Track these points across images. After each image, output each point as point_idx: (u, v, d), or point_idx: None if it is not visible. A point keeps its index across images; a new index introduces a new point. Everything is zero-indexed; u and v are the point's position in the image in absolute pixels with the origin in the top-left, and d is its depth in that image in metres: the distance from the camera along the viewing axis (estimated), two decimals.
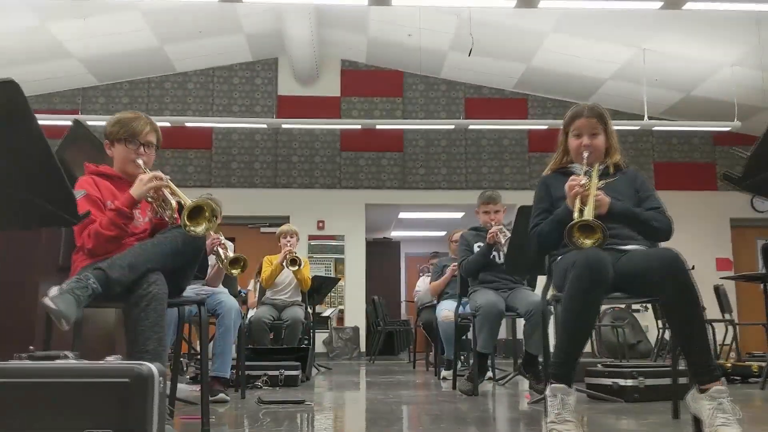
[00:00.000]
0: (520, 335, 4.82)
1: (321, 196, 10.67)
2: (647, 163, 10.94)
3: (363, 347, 10.33)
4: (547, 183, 2.69)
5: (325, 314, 10.41)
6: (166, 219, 2.43)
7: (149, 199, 2.44)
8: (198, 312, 2.52)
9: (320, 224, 10.61)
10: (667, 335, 7.42)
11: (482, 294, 3.89)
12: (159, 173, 2.43)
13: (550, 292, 2.66)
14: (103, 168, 2.58)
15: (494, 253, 4.08)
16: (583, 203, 2.35)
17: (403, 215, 12.25)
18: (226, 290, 3.91)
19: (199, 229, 2.25)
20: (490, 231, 4.01)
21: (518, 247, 3.53)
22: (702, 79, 9.58)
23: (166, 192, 2.41)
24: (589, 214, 2.28)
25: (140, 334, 2.10)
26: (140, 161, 2.53)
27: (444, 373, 5.18)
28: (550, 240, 2.52)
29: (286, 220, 10.30)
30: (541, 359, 3.83)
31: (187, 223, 2.23)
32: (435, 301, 6.71)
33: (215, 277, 3.89)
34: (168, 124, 9.30)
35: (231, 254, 3.65)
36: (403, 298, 14.12)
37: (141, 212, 2.55)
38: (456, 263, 5.34)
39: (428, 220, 12.84)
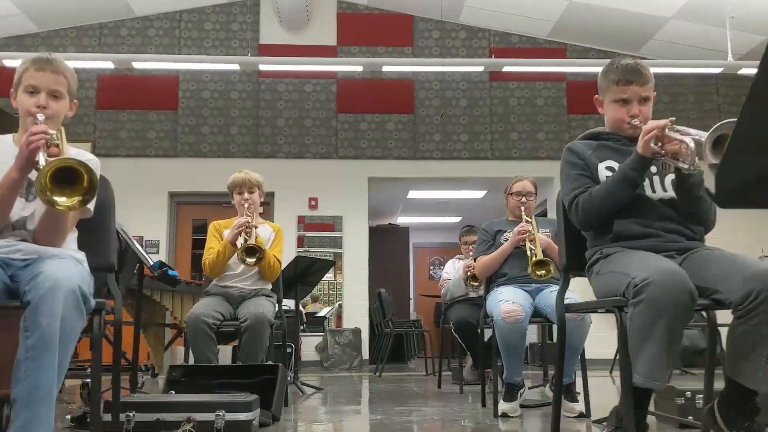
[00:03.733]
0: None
1: (313, 168, 8.64)
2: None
3: (366, 354, 8.28)
4: None
5: (321, 314, 8.40)
6: None
7: None
8: None
9: (312, 202, 8.59)
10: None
11: (638, 258, 1.75)
12: None
13: None
14: None
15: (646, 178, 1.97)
16: None
17: (413, 194, 10.19)
18: (73, 254, 1.82)
19: None
20: (646, 130, 1.84)
21: (742, 152, 1.48)
22: None
23: None
24: None
25: None
26: None
27: (504, 406, 3.11)
28: None
29: (270, 197, 8.29)
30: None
31: None
32: (470, 291, 4.69)
33: (50, 223, 1.81)
34: (111, 65, 7.24)
35: (67, 157, 1.60)
36: (411, 294, 12.13)
37: None
38: (522, 224, 3.31)
39: (442, 201, 10.79)
